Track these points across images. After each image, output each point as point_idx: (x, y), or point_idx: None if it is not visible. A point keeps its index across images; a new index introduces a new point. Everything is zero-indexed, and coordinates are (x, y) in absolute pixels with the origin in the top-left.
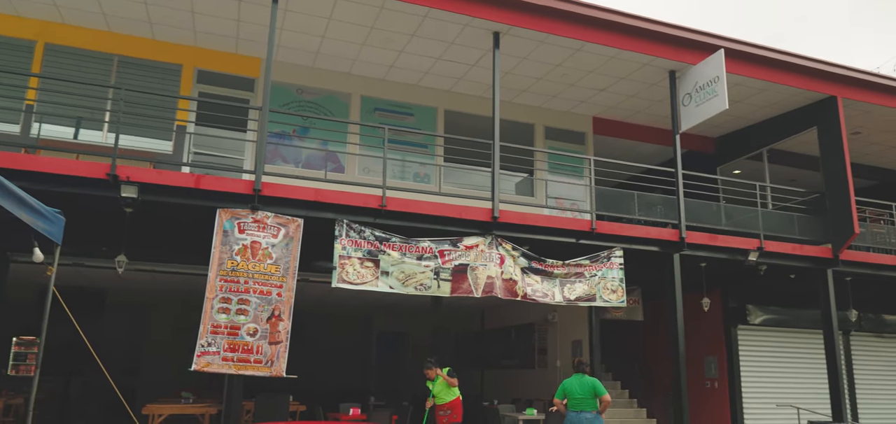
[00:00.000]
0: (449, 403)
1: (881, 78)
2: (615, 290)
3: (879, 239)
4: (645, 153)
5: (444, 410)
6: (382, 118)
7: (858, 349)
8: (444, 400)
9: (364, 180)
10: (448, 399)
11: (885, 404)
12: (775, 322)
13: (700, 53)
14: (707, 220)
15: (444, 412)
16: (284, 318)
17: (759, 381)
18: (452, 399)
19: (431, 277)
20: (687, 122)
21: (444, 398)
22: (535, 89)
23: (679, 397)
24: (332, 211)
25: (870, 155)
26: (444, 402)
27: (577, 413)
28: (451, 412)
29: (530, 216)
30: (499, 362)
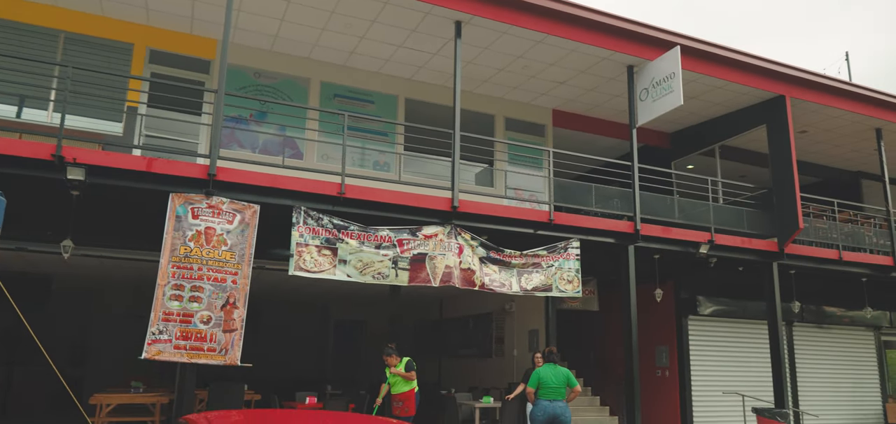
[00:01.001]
0: (402, 395)
1: (827, 79)
2: (571, 281)
3: (822, 234)
4: (603, 146)
5: (397, 401)
6: (342, 105)
7: (800, 339)
8: (398, 391)
9: (323, 167)
10: (403, 391)
11: (824, 390)
12: (724, 312)
13: (657, 49)
14: (661, 213)
15: (397, 403)
16: (239, 306)
17: (708, 370)
18: (407, 391)
19: (390, 266)
20: (643, 117)
21: (399, 388)
22: (496, 80)
23: (631, 385)
24: (289, 197)
25: (815, 153)
26: (399, 393)
27: (551, 402)
28: (403, 403)
29: (489, 206)
30: (457, 351)
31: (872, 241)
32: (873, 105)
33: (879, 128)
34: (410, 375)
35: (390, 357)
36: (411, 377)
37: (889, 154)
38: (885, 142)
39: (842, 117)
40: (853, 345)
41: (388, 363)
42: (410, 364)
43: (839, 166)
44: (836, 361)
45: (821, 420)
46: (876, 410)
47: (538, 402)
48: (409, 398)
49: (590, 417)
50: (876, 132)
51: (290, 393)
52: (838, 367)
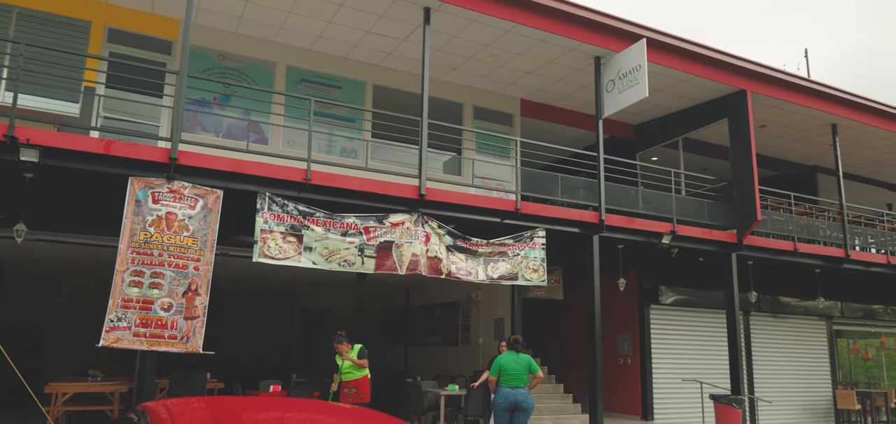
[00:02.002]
0: (355, 381)
1: (786, 75)
2: (537, 269)
3: (778, 226)
4: (570, 137)
5: (349, 387)
6: (308, 90)
7: (757, 328)
8: (351, 378)
9: (288, 153)
10: (356, 378)
11: (778, 377)
12: (684, 302)
13: (624, 41)
14: (625, 204)
15: (349, 390)
16: (201, 293)
17: (669, 358)
18: (360, 378)
19: (356, 254)
20: (610, 108)
21: (352, 376)
22: (464, 68)
23: (594, 373)
24: (253, 183)
25: (773, 147)
26: (351, 380)
27: (513, 389)
28: (357, 391)
29: (457, 195)
30: (423, 339)
31: (826, 234)
32: (829, 101)
33: (835, 124)
34: (363, 362)
35: (341, 344)
36: (364, 364)
37: (843, 149)
38: (840, 138)
39: (799, 112)
40: (806, 334)
41: (339, 351)
42: (362, 351)
43: (796, 160)
44: (790, 349)
45: (774, 406)
46: (826, 396)
47: (500, 389)
48: (362, 384)
49: (553, 404)
50: (831, 128)
51: (255, 382)
52: (792, 355)
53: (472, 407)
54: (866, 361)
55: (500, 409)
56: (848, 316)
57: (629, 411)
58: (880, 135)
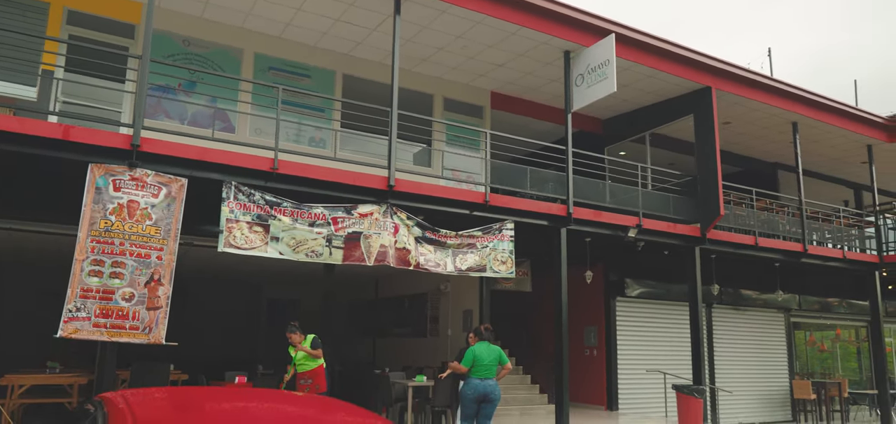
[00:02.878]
0: (310, 372)
1: (750, 73)
2: (505, 262)
3: (741, 220)
4: (539, 130)
5: (305, 378)
6: (277, 78)
7: (719, 320)
8: (305, 369)
9: (256, 142)
10: (310, 368)
11: (738, 368)
12: (650, 294)
13: (593, 36)
14: (593, 198)
15: (305, 381)
16: (165, 283)
17: (633, 349)
18: (315, 368)
19: (324, 244)
20: (579, 102)
21: (307, 366)
22: (435, 59)
23: (560, 364)
24: (219, 171)
25: (737, 144)
26: (306, 370)
27: (482, 380)
28: (313, 381)
29: (426, 186)
30: (392, 330)
31: (785, 229)
32: (791, 99)
33: (795, 122)
34: (317, 352)
35: (293, 334)
36: (318, 354)
37: (803, 147)
38: (801, 136)
39: (762, 110)
40: (765, 326)
41: (292, 341)
42: (316, 341)
43: (758, 157)
44: (750, 341)
45: (734, 396)
46: (784, 386)
47: (470, 380)
48: (317, 374)
49: (520, 394)
50: (792, 125)
51: (220, 373)
52: (752, 347)
53: (440, 398)
54: (822, 352)
55: (468, 400)
56: (805, 309)
57: (595, 401)
58: (838, 133)
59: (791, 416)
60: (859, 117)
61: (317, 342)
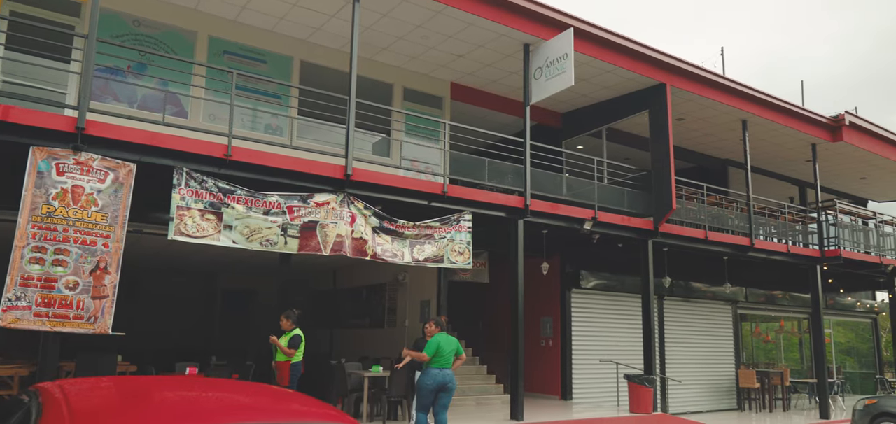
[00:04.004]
0: (278, 364)
1: (703, 71)
2: (462, 253)
3: (692, 215)
4: (499, 122)
5: (275, 368)
6: (232, 63)
7: (670, 311)
8: (275, 359)
9: (209, 127)
10: (278, 360)
11: (688, 358)
12: (604, 286)
13: (553, 30)
14: (550, 190)
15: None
16: (111, 271)
17: (588, 340)
18: (281, 362)
19: (278, 233)
20: (537, 95)
21: (278, 357)
22: (395, 49)
23: (516, 354)
24: (170, 157)
25: (690, 140)
26: (276, 361)
27: (441, 370)
28: (278, 374)
29: (384, 176)
30: (350, 321)
31: (734, 223)
32: (741, 98)
33: (745, 120)
34: (290, 351)
35: (284, 321)
36: (289, 353)
37: (752, 144)
38: (750, 134)
39: (714, 108)
40: (714, 318)
41: (283, 327)
42: (294, 339)
43: (710, 153)
44: (699, 332)
45: (683, 385)
46: (730, 375)
47: (429, 370)
48: (281, 369)
49: (476, 385)
50: (742, 123)
51: (171, 365)
52: (700, 337)
53: (396, 389)
54: (766, 343)
55: (427, 390)
56: (751, 301)
57: (550, 391)
58: (785, 132)
59: (736, 404)
60: (805, 117)
61: (293, 340)
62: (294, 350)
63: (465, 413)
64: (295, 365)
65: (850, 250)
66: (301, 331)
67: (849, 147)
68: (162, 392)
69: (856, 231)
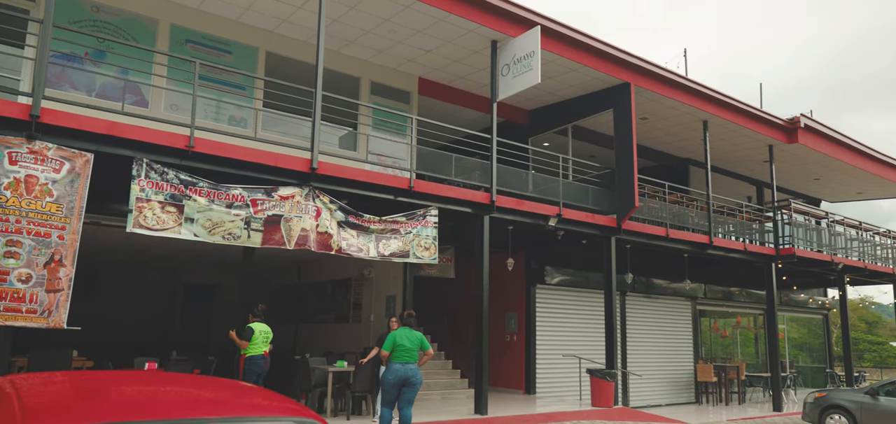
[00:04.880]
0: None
1: (666, 71)
2: (428, 248)
3: (654, 213)
4: (466, 118)
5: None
6: (195, 52)
7: (632, 307)
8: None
9: (170, 118)
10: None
11: (648, 353)
12: (568, 282)
13: (520, 27)
14: (516, 187)
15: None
16: (67, 264)
17: (551, 335)
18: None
19: (242, 227)
20: (504, 92)
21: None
22: (362, 42)
23: (480, 349)
24: (129, 147)
25: (653, 139)
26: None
27: (404, 365)
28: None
29: (350, 170)
30: (315, 316)
31: (694, 222)
32: (702, 98)
33: (706, 120)
34: (241, 342)
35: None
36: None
37: (712, 145)
38: (710, 134)
39: (677, 108)
40: (674, 313)
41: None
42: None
43: (672, 153)
44: (660, 327)
45: (644, 379)
46: (689, 370)
47: (391, 365)
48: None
49: (442, 379)
50: (703, 123)
51: (130, 360)
52: (661, 333)
53: (360, 383)
54: (724, 338)
55: (389, 385)
56: (710, 298)
57: (514, 386)
58: (744, 133)
59: (694, 398)
60: (762, 119)
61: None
62: (246, 342)
63: (429, 408)
64: (249, 359)
65: (803, 249)
66: (262, 325)
67: (804, 149)
68: (118, 386)
69: (809, 230)
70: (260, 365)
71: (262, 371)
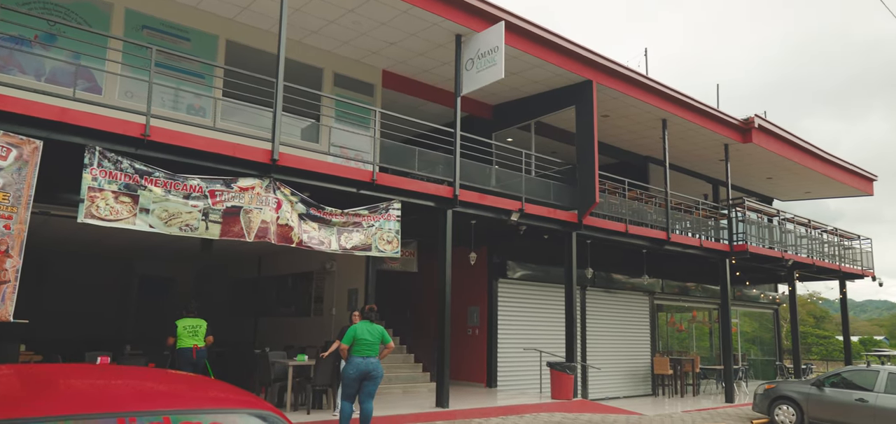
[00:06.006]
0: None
1: (628, 70)
2: (391, 241)
3: (614, 209)
4: (430, 112)
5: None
6: (152, 38)
7: (591, 301)
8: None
9: (125, 105)
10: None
11: (607, 346)
12: (530, 277)
13: (484, 22)
14: (479, 181)
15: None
16: (13, 255)
17: (513, 329)
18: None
19: (199, 218)
20: (468, 87)
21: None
22: (326, 32)
23: (442, 343)
24: (81, 135)
25: (613, 136)
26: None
27: (364, 358)
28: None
29: (312, 162)
30: (276, 310)
31: (653, 218)
32: (662, 98)
33: (665, 119)
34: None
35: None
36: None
37: (671, 143)
38: (669, 133)
39: (637, 106)
40: (632, 308)
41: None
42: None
43: (632, 150)
44: (618, 321)
45: (603, 372)
46: (646, 363)
47: (351, 359)
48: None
49: (403, 373)
50: (662, 122)
51: (80, 354)
52: (620, 327)
53: (321, 377)
54: (680, 332)
55: (350, 379)
56: (667, 293)
57: (476, 379)
58: (701, 132)
59: (651, 390)
60: (719, 118)
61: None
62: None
63: (391, 401)
64: (178, 351)
65: (756, 245)
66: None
67: (757, 148)
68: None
69: (762, 227)
70: (188, 357)
71: (192, 362)
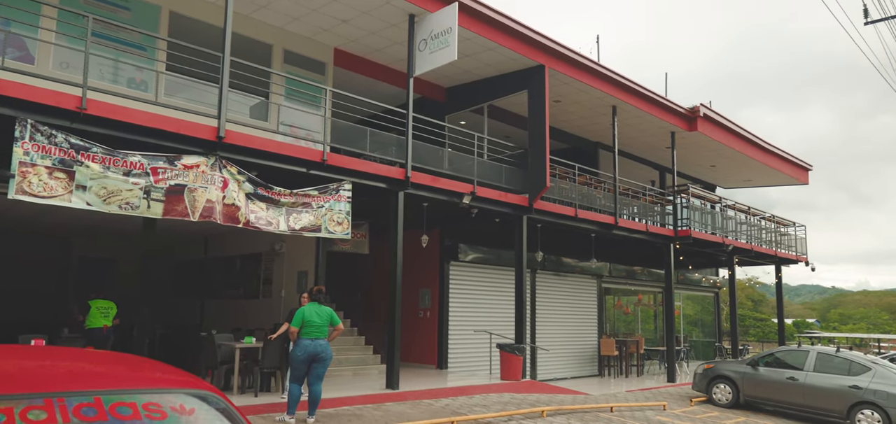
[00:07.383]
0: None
1: (580, 56)
2: (341, 223)
3: (564, 193)
4: (383, 93)
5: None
6: (88, 7)
7: (541, 284)
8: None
9: (60, 76)
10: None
11: (556, 328)
12: (481, 260)
13: (438, 3)
14: (432, 163)
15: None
16: None
17: (464, 311)
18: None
19: (140, 196)
20: (421, 67)
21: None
22: (275, 7)
23: (393, 325)
24: (11, 106)
25: (565, 122)
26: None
27: (313, 341)
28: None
29: (260, 140)
30: (223, 292)
31: (602, 203)
32: (612, 84)
33: (615, 106)
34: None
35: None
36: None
37: (620, 130)
38: (619, 119)
39: (588, 92)
40: (581, 291)
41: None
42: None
43: (583, 136)
44: (568, 304)
45: (551, 354)
46: (593, 344)
47: (300, 341)
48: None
49: (354, 355)
50: (612, 109)
51: (13, 337)
52: (568, 309)
53: (269, 360)
54: (626, 315)
55: (298, 361)
56: (614, 276)
57: (426, 361)
58: (649, 119)
59: (597, 371)
60: (666, 106)
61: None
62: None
63: (341, 383)
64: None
65: (699, 231)
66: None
67: (702, 137)
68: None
69: (705, 213)
70: (99, 336)
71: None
